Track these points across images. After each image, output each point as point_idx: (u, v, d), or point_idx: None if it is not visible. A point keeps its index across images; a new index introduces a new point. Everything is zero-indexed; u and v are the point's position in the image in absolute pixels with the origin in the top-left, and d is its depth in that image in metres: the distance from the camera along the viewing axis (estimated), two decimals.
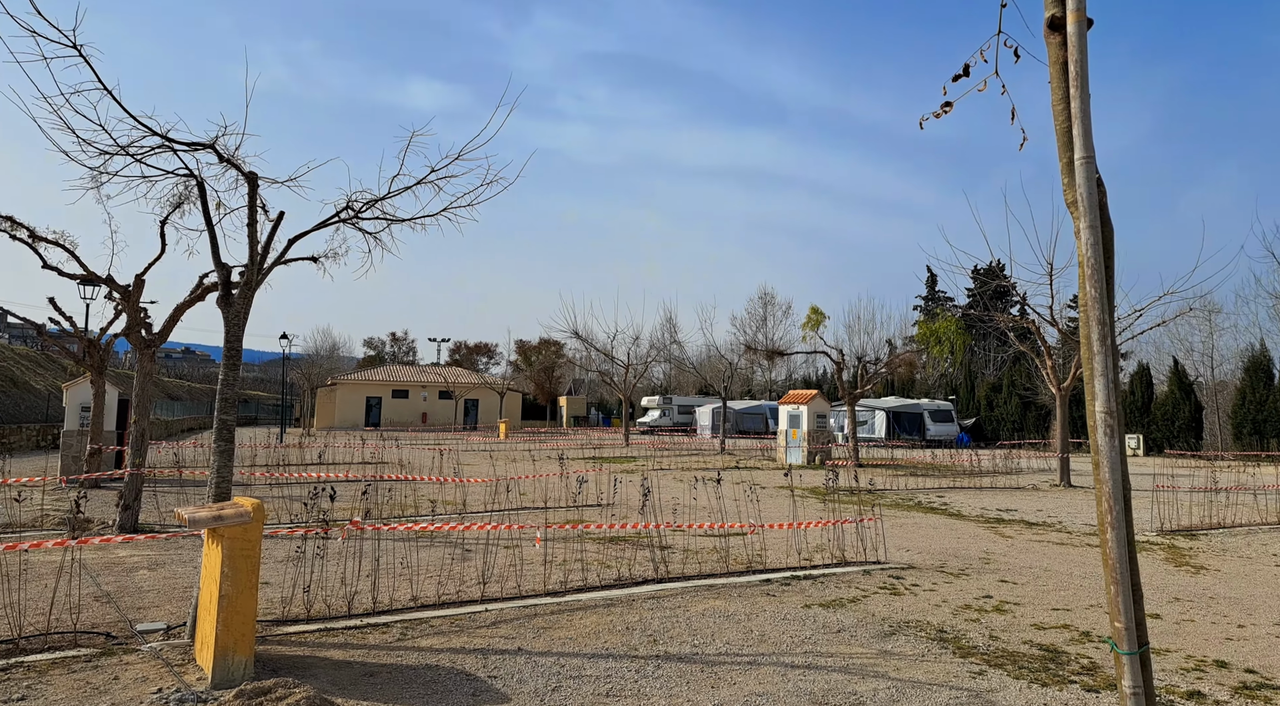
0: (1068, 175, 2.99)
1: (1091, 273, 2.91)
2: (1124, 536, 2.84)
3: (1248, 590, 9.30)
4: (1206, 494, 17.16)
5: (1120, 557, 2.82)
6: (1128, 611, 2.81)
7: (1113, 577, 2.83)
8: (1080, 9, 2.94)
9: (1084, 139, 2.93)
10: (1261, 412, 37.76)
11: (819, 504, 15.58)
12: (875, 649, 6.74)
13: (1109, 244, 2.97)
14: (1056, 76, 3.02)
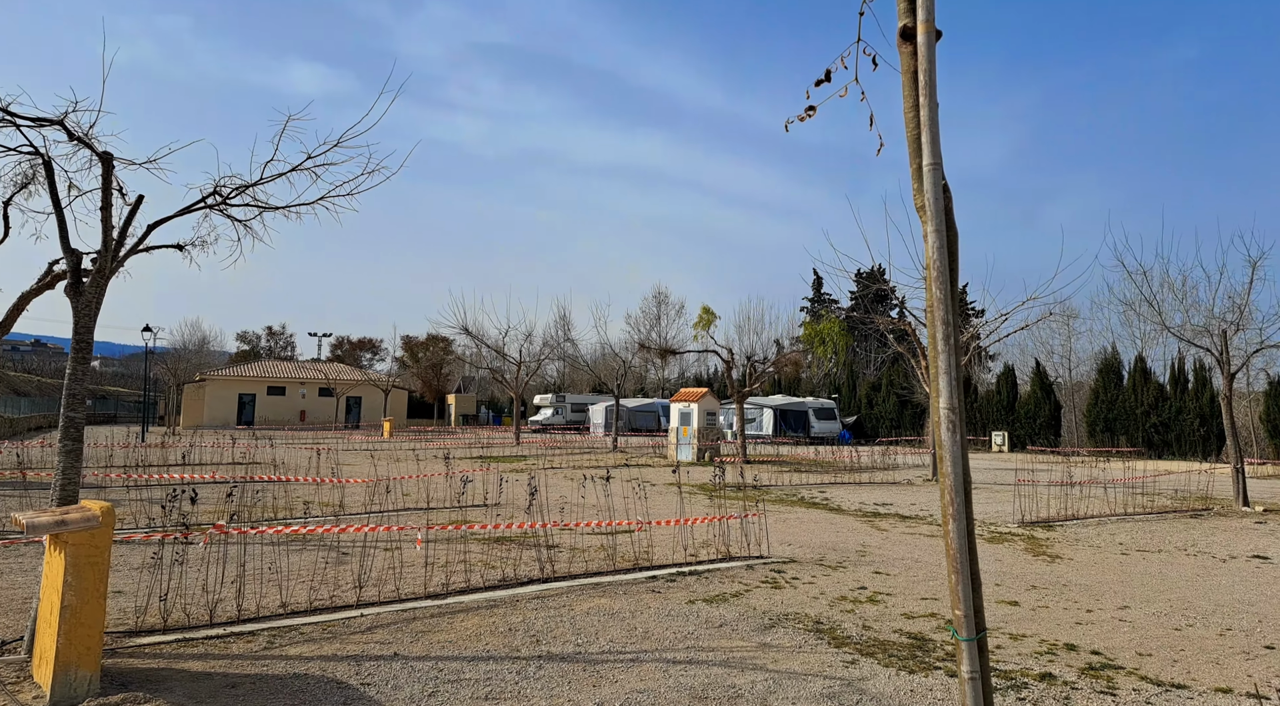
0: (917, 180, 3.10)
1: (937, 275, 3.02)
2: (964, 528, 2.96)
3: (1096, 577, 9.98)
4: (1063, 487, 18.37)
5: (961, 548, 2.94)
6: (966, 600, 2.93)
7: (954, 567, 2.95)
8: (929, 21, 3.05)
9: (932, 146, 3.04)
10: (1112, 411, 40.75)
11: (707, 500, 15.81)
12: (755, 642, 6.86)
13: (954, 248, 3.09)
14: (908, 84, 3.13)
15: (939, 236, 3.03)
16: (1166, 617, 7.99)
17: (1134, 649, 6.90)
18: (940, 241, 3.03)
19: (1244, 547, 12.44)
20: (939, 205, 3.04)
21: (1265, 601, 8.80)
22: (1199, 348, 20.09)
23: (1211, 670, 6.37)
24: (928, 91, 3.05)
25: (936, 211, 3.04)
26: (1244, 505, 17.87)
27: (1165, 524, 15.08)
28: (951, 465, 2.98)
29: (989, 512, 16.10)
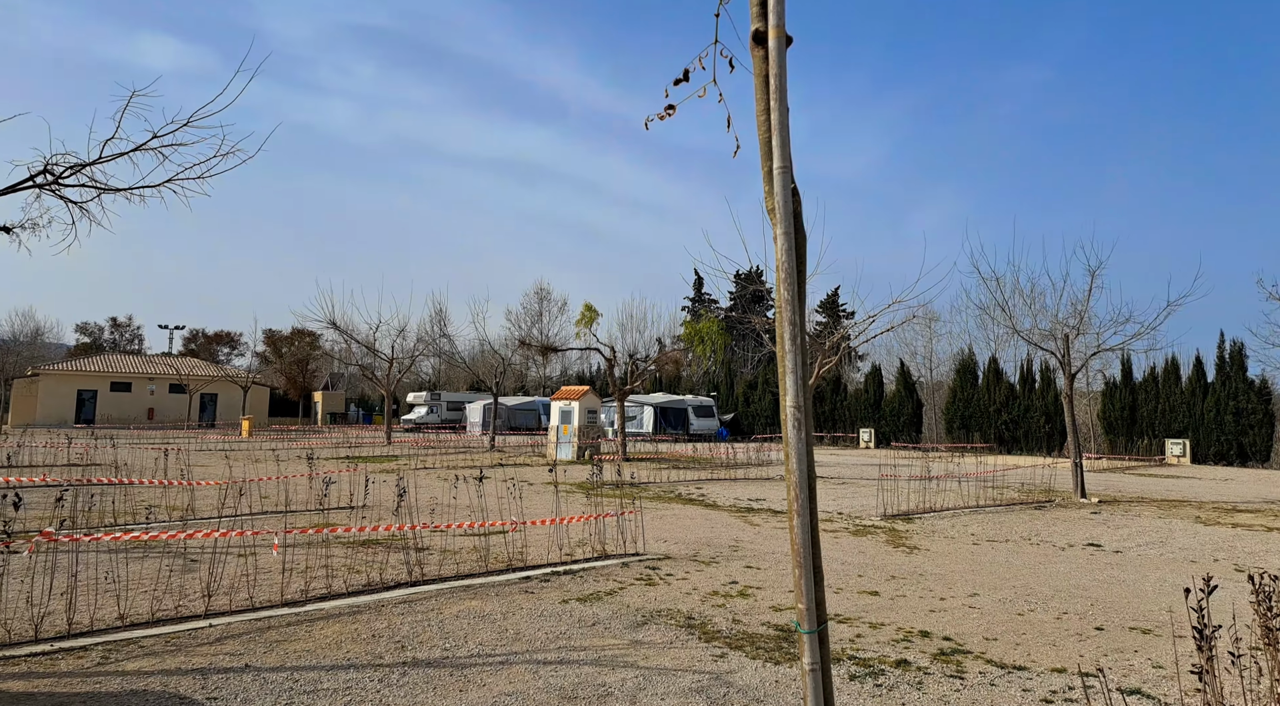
0: (768, 183, 3.14)
1: (786, 276, 3.07)
2: (808, 523, 3.02)
3: (950, 566, 10.53)
4: (922, 482, 19.34)
5: (804, 542, 3.00)
6: (809, 593, 2.99)
7: (797, 561, 3.01)
8: (780, 26, 3.09)
9: (781, 149, 3.09)
10: (968, 409, 43.35)
11: (584, 499, 15.76)
12: (627, 639, 6.86)
13: (802, 250, 3.15)
14: (759, 88, 3.17)
15: (788, 239, 3.08)
16: (1011, 604, 8.50)
17: (981, 634, 7.30)
18: (789, 244, 3.08)
19: (1080, 536, 13.43)
20: (787, 208, 3.08)
21: (1097, 586, 9.51)
22: (1045, 350, 21.58)
23: (1049, 651, 6.81)
24: (778, 96, 3.09)
25: (785, 214, 3.08)
26: (1082, 497, 19.32)
27: (1012, 515, 16.11)
28: (796, 462, 3.03)
29: (854, 506, 16.76)
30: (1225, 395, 36.07)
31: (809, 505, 3.04)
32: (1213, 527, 14.74)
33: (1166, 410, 37.72)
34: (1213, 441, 36.05)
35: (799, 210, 3.15)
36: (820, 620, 3.00)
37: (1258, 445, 35.50)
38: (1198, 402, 36.82)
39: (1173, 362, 38.42)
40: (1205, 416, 36.40)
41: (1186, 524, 15.17)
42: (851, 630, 7.32)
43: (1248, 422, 35.50)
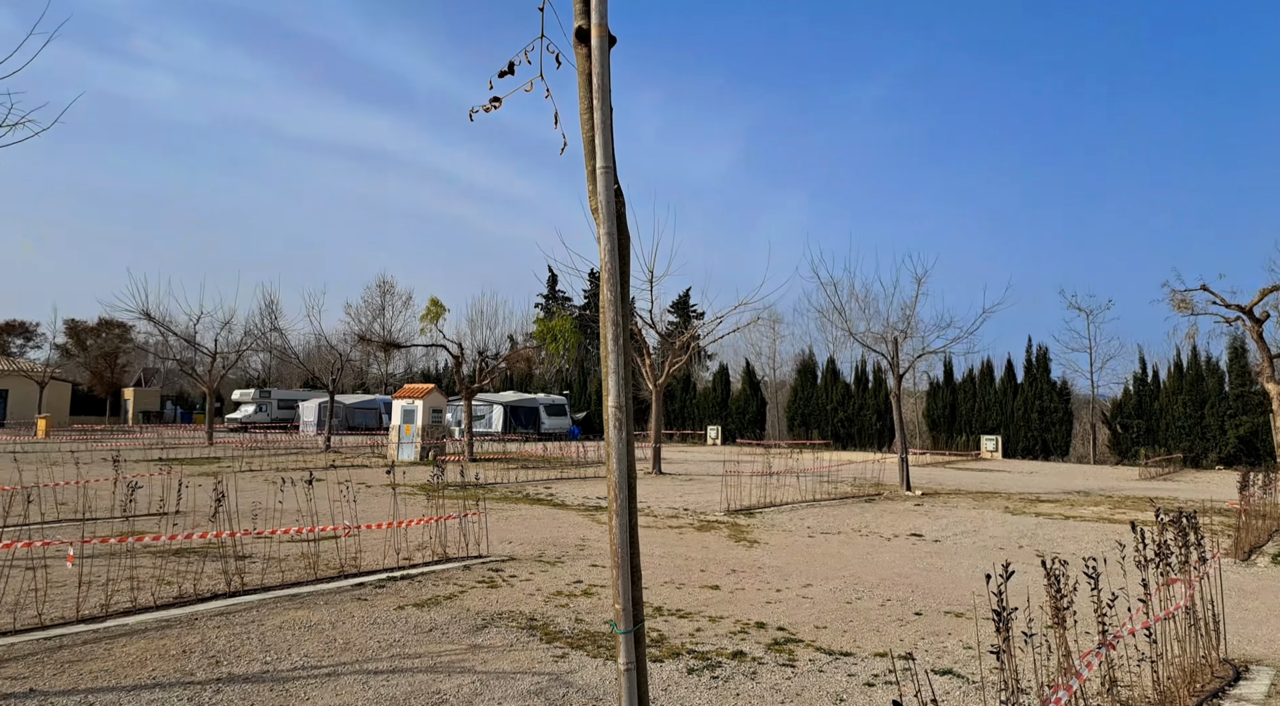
0: (591, 182, 3.11)
1: (609, 276, 3.05)
2: (626, 523, 3.01)
3: (787, 559, 10.92)
4: (763, 477, 20.03)
5: (623, 542, 2.98)
6: (626, 593, 2.98)
7: (615, 561, 2.99)
8: (602, 25, 3.07)
9: (604, 149, 3.06)
10: (808, 407, 45.42)
11: (426, 501, 15.27)
12: (466, 644, 6.66)
13: (625, 250, 3.14)
14: (582, 86, 3.14)
15: (610, 240, 3.05)
16: (841, 593, 8.90)
17: (813, 623, 7.59)
18: (612, 244, 3.05)
19: (905, 527, 14.29)
20: (610, 208, 3.06)
21: (918, 573, 10.12)
22: (876, 352, 22.93)
23: (873, 637, 7.17)
24: (601, 95, 3.06)
25: (609, 214, 3.05)
26: (907, 490, 20.63)
27: (845, 508, 16.96)
28: (616, 462, 3.01)
29: (700, 502, 17.13)
30: (1032, 395, 39.57)
31: (628, 505, 3.01)
32: (1019, 517, 16.08)
33: (982, 408, 40.95)
34: (1021, 437, 39.46)
35: (622, 211, 3.13)
36: (637, 619, 2.98)
37: (1059, 441, 39.18)
38: (1009, 402, 40.20)
39: (988, 365, 41.78)
40: (1015, 414, 39.79)
41: (997, 514, 16.48)
42: (692, 624, 7.43)
43: (1050, 420, 39.10)
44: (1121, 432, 37.37)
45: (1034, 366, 40.16)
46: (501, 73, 3.29)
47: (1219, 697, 5.58)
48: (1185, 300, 18.38)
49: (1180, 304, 18.42)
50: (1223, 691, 5.68)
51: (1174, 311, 18.59)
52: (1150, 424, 36.49)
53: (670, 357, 24.19)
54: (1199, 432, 35.03)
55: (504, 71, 3.28)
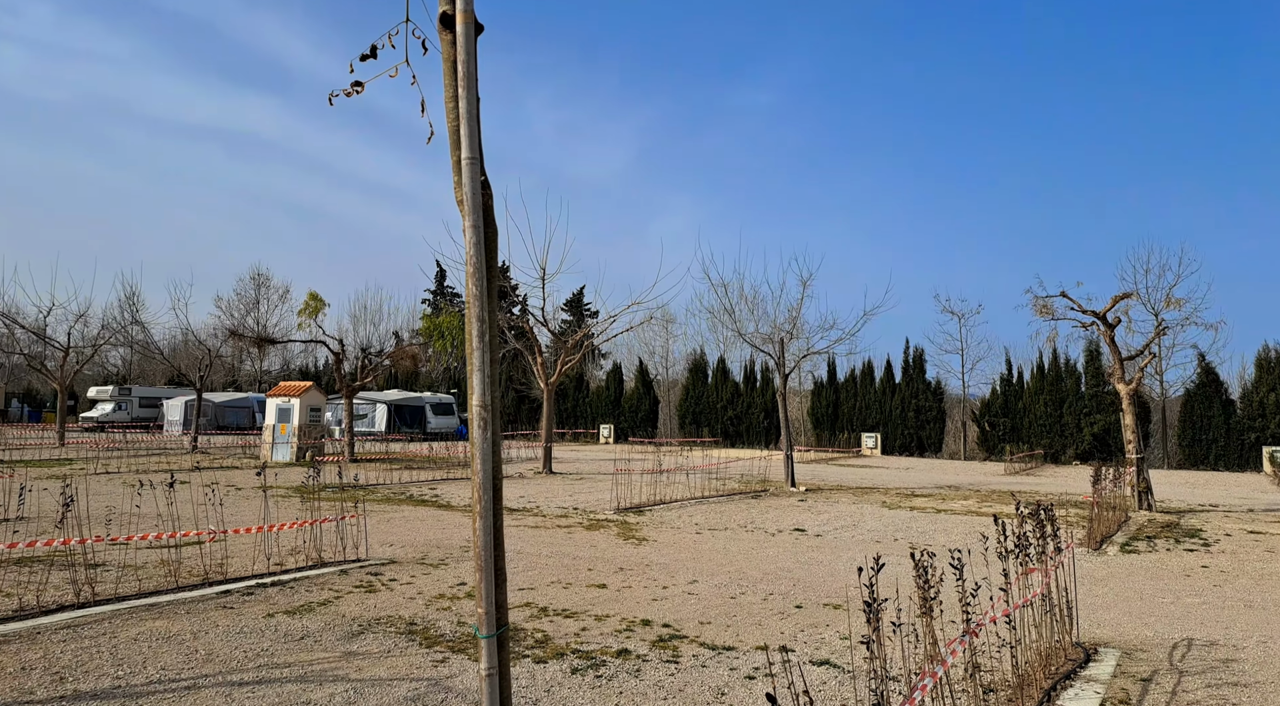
0: (457, 173, 3.03)
1: (474, 271, 2.98)
2: (490, 524, 2.94)
3: (674, 556, 11.00)
4: (654, 475, 20.15)
5: (486, 545, 2.91)
6: (489, 597, 2.91)
7: (479, 564, 2.92)
8: (468, 11, 2.99)
9: (470, 139, 2.98)
10: (699, 406, 46.11)
11: (300, 503, 14.64)
12: (340, 651, 6.39)
13: (492, 244, 3.08)
14: (448, 74, 3.05)
15: (476, 233, 2.97)
16: (725, 588, 9.02)
17: (698, 619, 7.65)
18: (478, 238, 2.97)
19: (789, 522, 14.66)
20: (476, 200, 2.98)
21: (800, 567, 10.39)
22: (764, 352, 23.45)
23: (755, 631, 7.29)
24: (466, 83, 2.97)
25: (475, 207, 2.97)
26: (792, 486, 21.19)
27: (732, 504, 17.27)
28: (481, 463, 2.93)
29: (590, 501, 17.09)
30: (909, 394, 41.42)
31: (493, 506, 2.93)
32: (895, 510, 16.77)
33: (863, 407, 42.58)
34: (899, 434, 41.23)
35: (490, 204, 3.05)
36: (501, 623, 2.91)
37: (932, 438, 41.15)
38: (888, 401, 41.94)
39: (868, 366, 43.49)
40: (893, 413, 41.54)
41: (875, 508, 17.13)
42: (578, 624, 7.37)
43: (926, 418, 41.03)
44: (989, 430, 39.56)
45: (911, 367, 42.03)
46: (363, 56, 3.15)
47: (1071, 679, 5.93)
48: (1046, 306, 19.57)
49: (1042, 309, 19.61)
50: (1074, 673, 6.04)
51: (1036, 316, 19.76)
52: (1015, 422, 38.77)
53: (563, 356, 24.03)
54: (1058, 430, 37.47)
55: (365, 55, 3.15)
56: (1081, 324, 19.69)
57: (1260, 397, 33.68)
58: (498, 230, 3.08)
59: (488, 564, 2.86)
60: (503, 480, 3.12)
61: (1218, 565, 11.17)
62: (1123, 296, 19.24)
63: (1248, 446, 33.63)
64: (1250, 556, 11.92)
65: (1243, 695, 5.80)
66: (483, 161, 3.01)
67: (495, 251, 3.06)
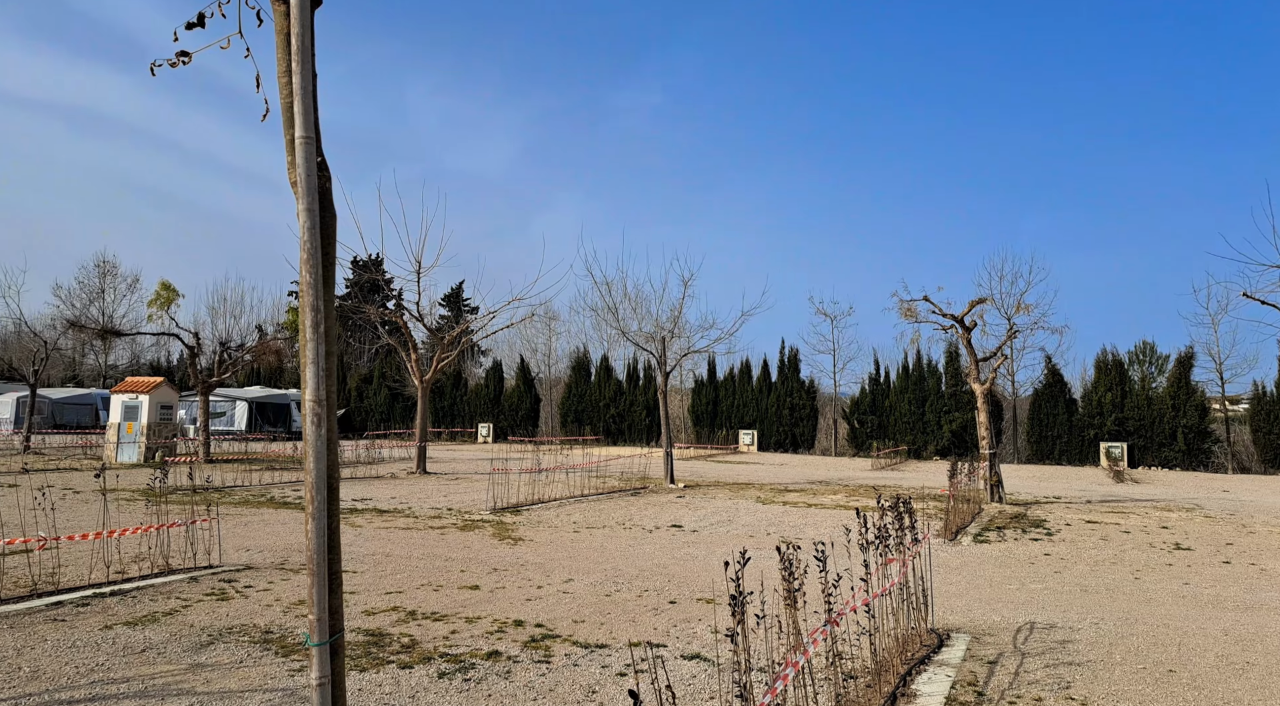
0: (290, 153, 2.87)
1: (308, 257, 2.83)
2: (324, 526, 2.80)
3: (550, 555, 10.89)
4: (532, 474, 19.94)
5: (319, 548, 2.77)
6: (321, 603, 2.77)
7: (311, 569, 2.77)
8: None
9: (305, 117, 2.83)
10: (582, 404, 46.01)
11: (147, 507, 13.66)
12: (187, 663, 5.97)
13: (330, 230, 2.93)
14: (281, 47, 2.89)
15: (311, 216, 2.81)
16: (601, 586, 8.99)
17: (571, 617, 7.58)
18: (313, 222, 2.81)
19: (666, 519, 14.79)
20: (312, 182, 2.82)
21: (676, 563, 10.48)
22: (646, 351, 23.60)
23: (629, 628, 7.28)
24: (301, 57, 2.81)
25: (309, 189, 2.81)
26: (671, 483, 21.43)
27: (611, 502, 17.29)
28: (315, 461, 2.77)
29: (465, 501, 16.73)
30: (784, 392, 42.70)
31: (327, 507, 2.77)
32: (769, 506, 17.21)
33: (741, 405, 43.60)
34: (774, 432, 42.45)
35: (327, 186, 2.89)
36: (335, 629, 2.76)
37: (806, 435, 42.58)
38: (764, 399, 43.11)
39: (746, 365, 44.55)
40: (770, 411, 42.74)
41: (750, 504, 17.53)
42: (448, 626, 7.16)
43: (799, 416, 42.41)
44: (858, 427, 41.28)
45: (786, 366, 43.35)
46: (189, 24, 2.92)
47: (925, 663, 6.20)
48: (911, 309, 20.56)
49: (906, 312, 20.59)
50: (929, 658, 6.33)
51: (902, 319, 20.74)
52: (882, 419, 40.61)
53: (439, 353, 23.43)
54: (921, 427, 39.49)
55: (192, 23, 2.92)
56: (942, 327, 20.79)
57: (1098, 397, 36.54)
58: (336, 215, 2.91)
59: (320, 567, 2.70)
60: (339, 479, 2.95)
61: (1058, 553, 12.00)
62: (979, 301, 20.43)
63: (1087, 442, 36.41)
64: (1086, 544, 12.87)
65: (1076, 673, 6.22)
66: (319, 141, 2.84)
67: (333, 237, 2.89)
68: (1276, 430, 33.72)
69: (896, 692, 5.43)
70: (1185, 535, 13.99)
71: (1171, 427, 34.88)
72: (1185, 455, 34.62)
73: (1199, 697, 5.73)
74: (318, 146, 2.82)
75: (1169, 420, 34.97)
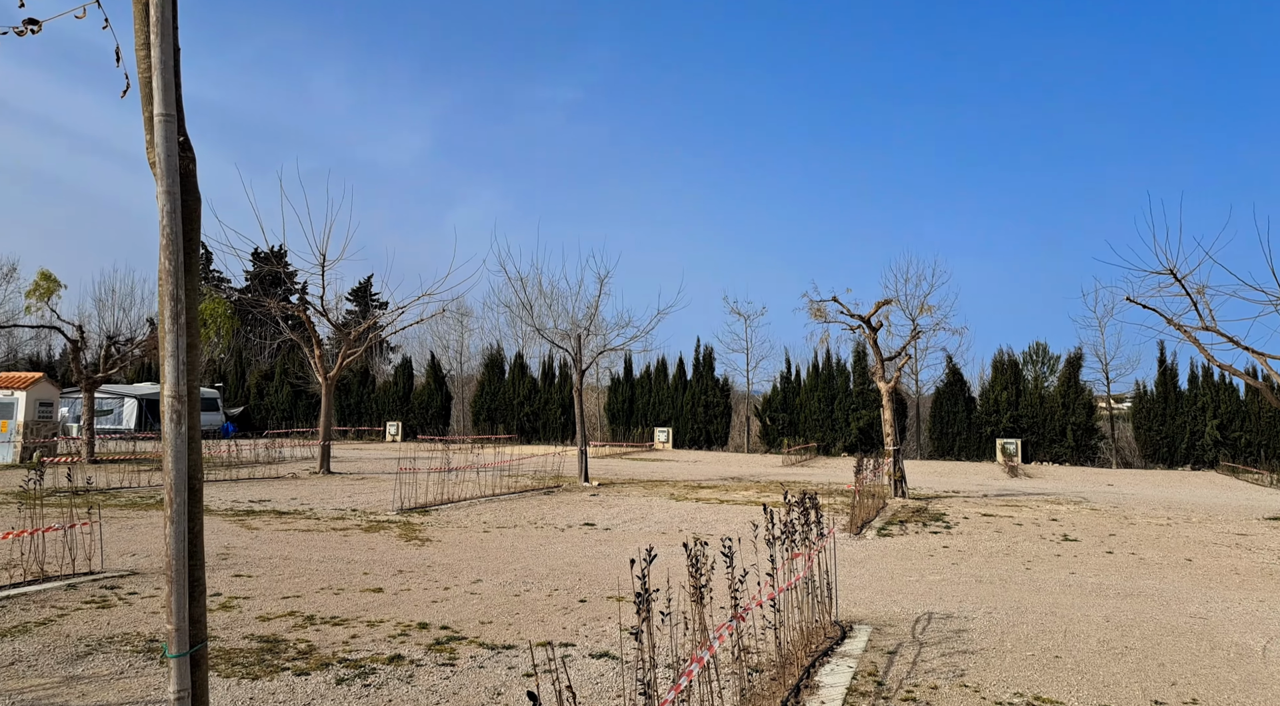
0: (149, 131, 2.72)
1: (168, 243, 2.68)
2: (184, 530, 2.66)
3: (459, 556, 10.68)
4: (441, 474, 19.55)
5: (179, 553, 2.63)
6: (180, 612, 2.63)
7: (170, 576, 2.62)
8: None
9: (165, 93, 2.68)
10: (495, 402, 45.42)
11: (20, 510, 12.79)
12: (60, 676, 5.61)
13: (193, 214, 2.79)
14: (138, 17, 2.73)
15: (172, 200, 2.65)
16: (510, 586, 8.85)
17: (479, 619, 7.44)
18: (174, 205, 2.66)
19: (579, 517, 14.71)
20: (172, 163, 2.67)
21: (587, 562, 10.41)
22: (562, 348, 23.44)
23: (537, 627, 7.19)
24: (161, 29, 2.66)
25: (170, 169, 2.66)
26: (585, 481, 21.34)
27: (523, 501, 17.10)
28: (175, 461, 2.62)
29: (371, 502, 16.27)
30: (699, 390, 43.14)
31: (188, 510, 2.62)
32: (682, 502, 17.33)
33: (657, 403, 43.84)
34: (689, 429, 42.84)
35: (191, 168, 2.73)
36: (198, 639, 2.61)
37: (720, 432, 43.13)
38: (680, 396, 43.45)
39: (662, 363, 44.80)
40: (685, 408, 43.11)
41: (663, 501, 17.61)
42: (348, 631, 6.92)
43: (714, 413, 42.92)
44: (770, 424, 42.04)
45: (701, 365, 43.80)
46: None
47: (829, 655, 6.32)
48: (820, 309, 21.05)
49: (816, 312, 21.07)
50: (832, 649, 6.45)
51: (812, 319, 21.21)
52: (793, 417, 41.46)
53: (345, 348, 22.71)
54: (830, 424, 40.49)
55: None
56: (850, 327, 21.35)
57: (995, 396, 38.18)
58: (200, 198, 2.75)
59: (180, 574, 2.54)
60: (203, 480, 2.80)
61: (956, 545, 12.45)
62: (885, 303, 21.05)
63: (984, 438, 38.00)
64: (982, 536, 13.40)
65: (969, 661, 6.44)
66: (182, 119, 2.68)
67: (197, 222, 2.73)
68: (1157, 427, 35.91)
69: (800, 685, 5.51)
70: (1072, 527, 14.72)
71: (1062, 425, 36.73)
72: (1074, 451, 36.51)
73: (1081, 681, 6.01)
74: (180, 125, 2.65)
75: (1059, 418, 36.81)
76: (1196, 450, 35.10)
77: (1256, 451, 33.95)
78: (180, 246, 2.63)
